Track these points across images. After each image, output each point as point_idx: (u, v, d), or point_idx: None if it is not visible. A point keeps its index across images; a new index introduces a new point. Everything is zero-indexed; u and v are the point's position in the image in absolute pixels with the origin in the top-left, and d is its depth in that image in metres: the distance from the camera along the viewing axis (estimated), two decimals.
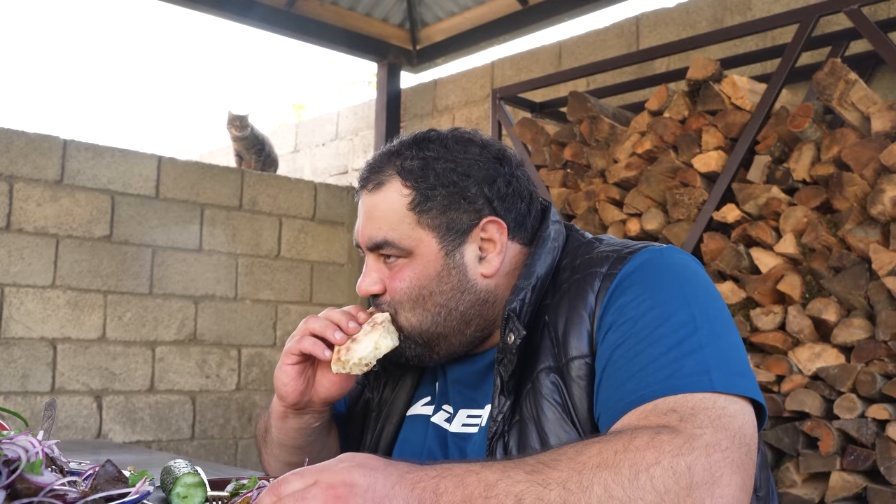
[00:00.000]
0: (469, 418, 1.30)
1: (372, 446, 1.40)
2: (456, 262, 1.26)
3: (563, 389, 1.15)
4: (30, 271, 4.00)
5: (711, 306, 1.13)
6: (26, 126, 4.06)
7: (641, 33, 4.18)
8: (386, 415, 1.41)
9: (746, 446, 0.99)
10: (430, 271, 1.25)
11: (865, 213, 2.69)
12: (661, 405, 1.02)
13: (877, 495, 2.51)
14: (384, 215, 1.27)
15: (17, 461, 0.89)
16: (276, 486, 0.86)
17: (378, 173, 1.29)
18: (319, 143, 6.08)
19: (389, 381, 1.44)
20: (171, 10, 6.37)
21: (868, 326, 2.63)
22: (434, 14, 5.31)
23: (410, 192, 1.26)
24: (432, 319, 1.26)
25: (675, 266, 1.17)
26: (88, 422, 4.12)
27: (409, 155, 1.28)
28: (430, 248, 1.25)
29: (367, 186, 1.30)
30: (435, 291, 1.25)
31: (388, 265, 1.28)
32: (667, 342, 1.07)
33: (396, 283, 1.27)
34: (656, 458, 0.91)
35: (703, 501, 0.90)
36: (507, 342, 1.17)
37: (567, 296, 1.19)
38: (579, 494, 0.88)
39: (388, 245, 1.26)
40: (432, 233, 1.25)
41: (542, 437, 1.14)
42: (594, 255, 1.22)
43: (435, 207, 1.25)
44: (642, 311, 1.11)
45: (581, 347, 1.14)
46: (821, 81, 2.82)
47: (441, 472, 0.90)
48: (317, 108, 13.46)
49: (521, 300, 1.19)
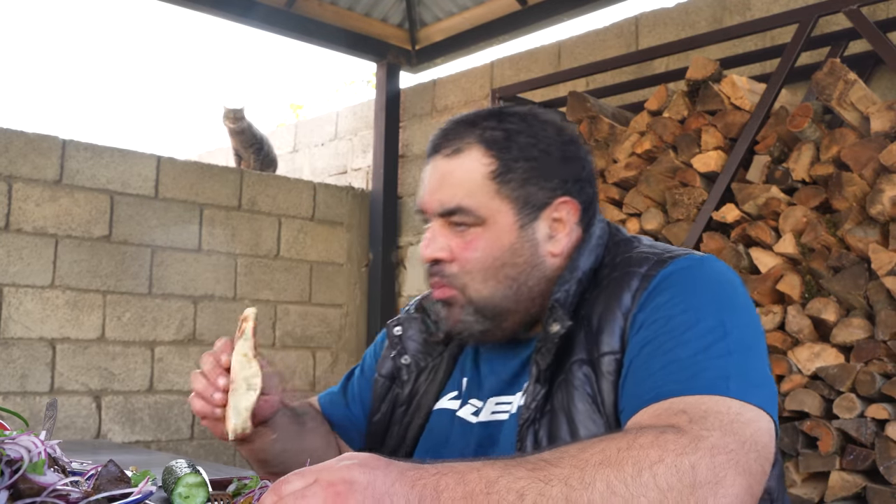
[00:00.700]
0: (498, 405, 1.30)
1: (398, 438, 1.40)
2: (529, 236, 1.25)
3: (594, 382, 1.16)
4: (29, 271, 4.00)
5: (743, 318, 1.14)
6: (25, 126, 4.07)
7: (641, 33, 4.18)
8: (415, 408, 1.41)
9: (757, 453, 0.99)
10: (503, 242, 1.24)
11: (865, 212, 2.69)
12: (674, 405, 1.03)
13: (876, 495, 2.51)
14: (461, 181, 1.25)
15: (19, 461, 0.89)
16: (278, 487, 0.86)
17: (456, 139, 1.27)
18: (318, 143, 6.08)
19: (422, 374, 1.43)
20: (171, 10, 6.36)
21: (867, 326, 2.63)
22: (433, 14, 5.31)
23: (492, 161, 1.24)
24: (503, 293, 1.25)
25: (713, 275, 1.19)
26: (87, 422, 4.12)
27: (490, 125, 1.27)
28: (507, 219, 1.24)
29: (443, 151, 1.28)
30: (508, 263, 1.25)
31: (458, 234, 1.26)
32: (693, 345, 1.08)
33: (469, 253, 1.25)
34: (660, 456, 0.91)
35: (707, 500, 0.90)
36: (550, 331, 1.18)
37: (605, 292, 1.21)
38: (581, 490, 0.88)
39: (463, 212, 1.24)
40: (510, 204, 1.24)
41: (572, 428, 1.15)
42: (634, 255, 1.23)
43: (515, 179, 1.24)
44: (675, 312, 1.12)
45: (612, 343, 1.16)
46: (820, 81, 2.82)
47: (442, 469, 0.90)
48: (315, 108, 13.46)
49: (566, 291, 1.21)
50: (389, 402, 1.46)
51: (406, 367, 1.44)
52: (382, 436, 1.45)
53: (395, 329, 1.46)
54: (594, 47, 4.37)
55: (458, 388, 1.40)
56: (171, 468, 1.31)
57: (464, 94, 5.08)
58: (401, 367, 1.44)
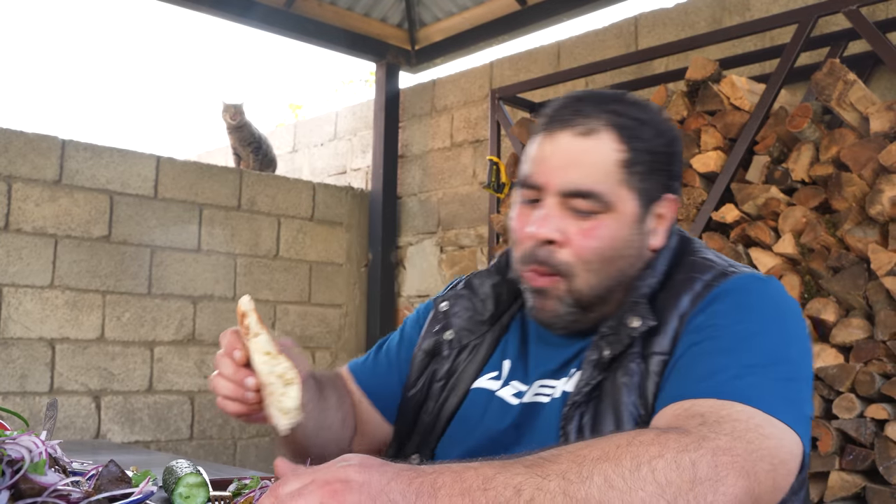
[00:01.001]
0: (542, 388, 1.29)
1: (433, 414, 1.38)
2: (642, 229, 1.24)
3: (643, 377, 1.16)
4: (28, 271, 4.00)
5: (796, 346, 1.14)
6: (25, 126, 4.07)
7: (640, 34, 4.18)
8: (452, 385, 1.39)
9: (770, 464, 0.98)
10: (623, 233, 1.22)
11: (864, 213, 2.69)
12: (695, 406, 1.03)
13: (875, 495, 2.51)
14: (595, 164, 1.20)
15: (20, 461, 0.89)
16: (275, 488, 0.87)
17: (588, 119, 1.22)
18: (318, 143, 6.08)
19: (463, 351, 1.41)
20: (170, 10, 6.35)
21: (867, 326, 2.63)
22: (433, 14, 5.31)
23: (624, 149, 1.21)
24: (607, 284, 1.23)
25: (774, 296, 1.18)
26: (87, 422, 4.12)
27: (619, 110, 1.23)
28: (630, 209, 1.22)
29: (574, 128, 1.22)
30: (622, 255, 1.23)
31: (577, 218, 1.21)
32: (737, 357, 1.08)
33: (588, 241, 1.20)
34: (660, 452, 0.91)
35: (706, 496, 0.90)
36: (627, 323, 1.17)
37: (664, 292, 1.21)
38: (578, 484, 0.88)
39: (593, 197, 1.19)
40: (634, 195, 1.22)
41: (617, 417, 1.15)
42: (699, 261, 1.24)
43: (640, 171, 1.22)
44: (728, 322, 1.12)
45: (664, 345, 1.16)
46: (819, 82, 2.82)
47: (439, 468, 0.90)
48: (314, 108, 13.46)
49: (649, 286, 1.21)
50: (427, 378, 1.43)
51: (448, 342, 1.41)
52: (417, 411, 1.42)
53: (441, 305, 1.44)
54: (593, 47, 4.37)
55: (498, 369, 1.38)
56: (171, 468, 1.31)
57: (463, 94, 5.08)
58: (442, 342, 1.41)
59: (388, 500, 0.85)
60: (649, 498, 0.88)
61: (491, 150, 4.10)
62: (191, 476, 1.17)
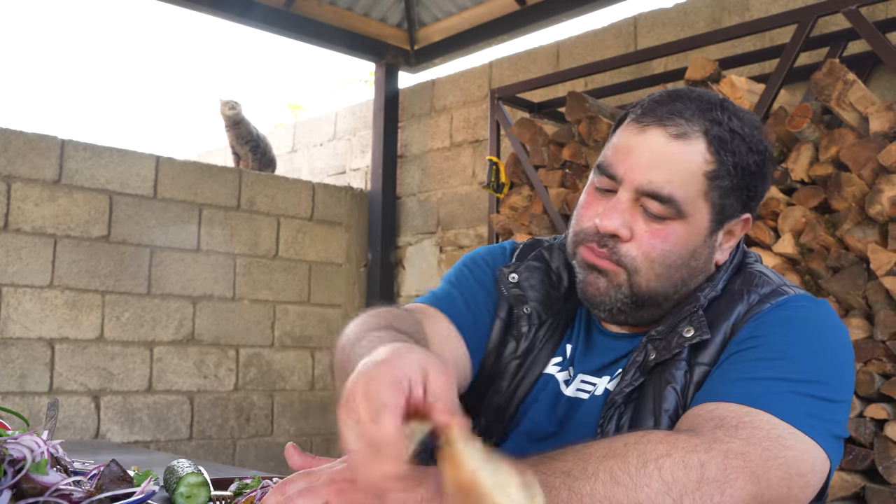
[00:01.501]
0: (583, 383, 1.27)
1: (507, 394, 1.30)
2: (711, 243, 1.22)
3: (686, 386, 1.14)
4: (27, 271, 4.00)
5: (839, 366, 1.13)
6: (24, 126, 4.07)
7: (639, 34, 4.18)
8: (529, 366, 1.31)
9: (785, 473, 0.96)
10: (691, 243, 1.19)
11: (863, 213, 2.69)
12: (719, 409, 1.02)
13: (875, 495, 2.51)
14: (680, 170, 1.16)
15: (22, 461, 0.89)
16: (282, 486, 0.87)
17: (684, 121, 1.17)
18: (317, 143, 6.08)
19: (541, 328, 1.33)
20: (170, 9, 6.35)
21: (866, 326, 2.63)
22: (432, 14, 5.31)
23: (713, 161, 1.17)
24: (666, 290, 1.21)
25: (823, 317, 1.17)
26: (86, 422, 4.12)
27: (717, 118, 1.18)
28: (703, 221, 1.19)
29: (669, 129, 1.17)
30: (686, 264, 1.20)
31: (647, 218, 1.18)
32: (774, 368, 1.07)
33: (657, 242, 1.17)
34: (668, 450, 0.91)
35: (712, 497, 0.89)
36: (682, 332, 1.16)
37: (719, 303, 1.20)
38: (583, 480, 0.88)
39: (671, 203, 1.16)
40: (710, 209, 1.19)
41: (656, 419, 1.13)
42: (755, 274, 1.23)
43: (725, 186, 1.18)
44: (773, 336, 1.11)
45: (710, 356, 1.15)
46: (819, 82, 2.82)
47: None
48: (314, 109, 13.45)
49: (708, 298, 1.20)
50: (497, 352, 1.34)
51: (527, 317, 1.32)
52: (486, 387, 1.33)
53: (511, 276, 1.33)
54: (593, 47, 4.37)
55: (563, 354, 1.33)
56: (172, 468, 1.31)
57: (462, 94, 5.08)
58: (521, 315, 1.32)
59: (393, 497, 0.86)
60: (654, 495, 0.88)
61: (490, 149, 4.10)
62: (192, 476, 1.17)
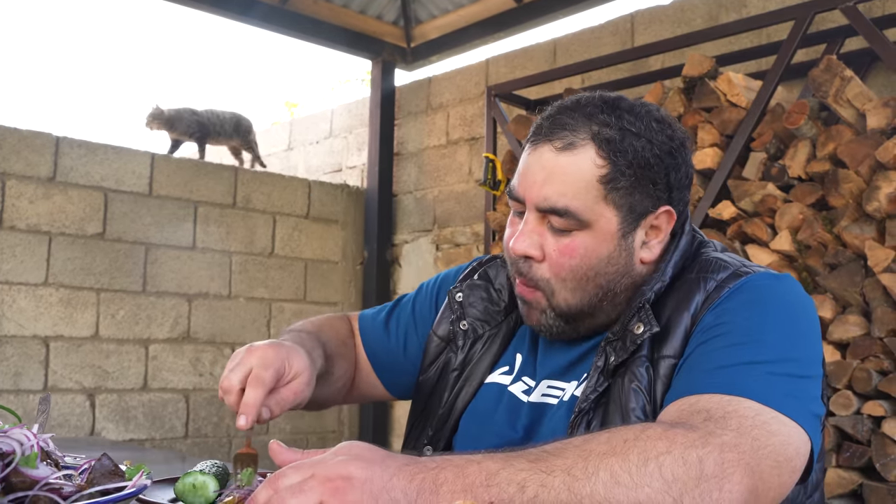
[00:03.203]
0: (550, 388, 1.28)
1: (448, 405, 1.38)
2: (627, 244, 1.21)
3: (651, 381, 1.14)
4: (22, 269, 3.98)
5: (806, 341, 1.13)
6: (18, 123, 4.05)
7: (636, 31, 4.17)
8: (467, 376, 1.38)
9: (775, 462, 0.97)
10: (602, 251, 1.19)
11: (861, 209, 2.69)
12: (700, 402, 1.02)
13: (872, 492, 2.51)
14: (572, 181, 1.17)
15: (11, 454, 0.88)
16: (274, 480, 0.85)
17: (570, 132, 1.18)
18: (313, 141, 6.06)
19: (478, 342, 1.40)
20: (165, 7, 6.34)
21: (864, 323, 2.63)
22: (428, 11, 5.30)
23: (605, 165, 1.17)
24: (589, 301, 1.22)
25: (786, 294, 1.16)
26: (81, 420, 4.10)
27: (605, 121, 1.18)
28: (610, 226, 1.19)
29: (555, 143, 1.19)
30: (601, 273, 1.20)
31: (554, 235, 1.20)
32: (745, 352, 1.07)
33: (565, 259, 1.19)
34: (667, 447, 0.90)
35: (711, 494, 0.89)
36: (633, 330, 1.16)
37: (676, 293, 1.19)
38: (584, 480, 0.87)
39: (569, 215, 1.17)
40: (615, 211, 1.18)
41: (625, 422, 1.13)
42: (712, 259, 1.21)
43: (624, 186, 1.18)
44: (738, 320, 1.11)
45: (673, 348, 1.14)
46: (816, 78, 2.82)
47: (441, 463, 0.89)
48: (310, 106, 13.43)
49: (655, 292, 1.19)
50: (440, 366, 1.43)
51: (464, 332, 1.40)
52: (427, 398, 1.43)
53: (457, 295, 1.42)
54: (589, 45, 4.36)
55: (511, 363, 1.37)
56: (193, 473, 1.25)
57: (459, 91, 5.07)
58: (458, 332, 1.40)
59: (389, 498, 0.85)
60: (655, 494, 0.87)
61: (487, 147, 4.09)
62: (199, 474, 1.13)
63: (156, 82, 26.86)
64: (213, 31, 43.47)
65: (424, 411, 1.43)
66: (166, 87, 27.25)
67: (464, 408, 1.36)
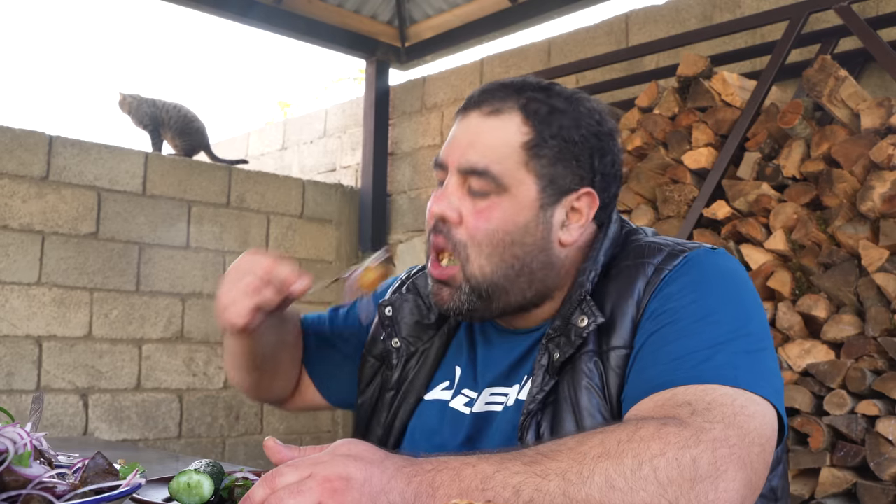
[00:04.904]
0: (493, 396, 1.27)
1: (386, 425, 1.37)
2: (545, 218, 1.21)
3: (602, 375, 1.13)
4: (15, 268, 3.96)
5: (753, 313, 1.13)
6: (11, 122, 4.02)
7: (631, 30, 4.18)
8: (403, 394, 1.37)
9: (760, 447, 0.98)
10: (519, 219, 1.19)
11: (855, 209, 2.69)
12: (679, 395, 1.01)
13: (867, 491, 2.51)
14: (494, 143, 1.19)
15: (4, 453, 0.87)
16: (271, 479, 0.84)
17: (498, 100, 1.22)
18: (307, 141, 6.05)
19: (412, 358, 1.39)
20: (159, 6, 6.31)
21: (858, 323, 2.63)
22: (423, 11, 5.29)
23: (530, 131, 1.19)
24: (504, 271, 1.20)
25: (724, 268, 1.17)
26: (74, 420, 4.09)
27: (535, 96, 1.21)
28: (529, 194, 1.19)
29: (482, 108, 1.22)
30: (517, 242, 1.20)
31: (473, 198, 1.20)
32: (702, 337, 1.07)
33: (481, 222, 1.19)
34: (661, 449, 0.89)
35: (707, 495, 0.89)
36: (576, 324, 1.15)
37: (615, 283, 1.19)
38: (579, 485, 0.86)
39: (487, 176, 1.18)
40: (536, 180, 1.20)
41: (577, 420, 1.13)
42: (646, 245, 1.21)
43: (547, 156, 1.19)
44: (685, 303, 1.11)
45: (623, 337, 1.14)
46: (811, 78, 2.82)
47: (437, 465, 0.89)
48: (302, 106, 13.41)
49: (591, 282, 1.18)
50: (377, 386, 1.42)
51: (396, 350, 1.39)
52: (368, 419, 1.42)
53: (386, 310, 1.42)
54: (584, 44, 4.36)
55: (450, 377, 1.36)
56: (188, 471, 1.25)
57: (453, 91, 5.07)
58: (391, 350, 1.39)
59: (387, 500, 0.84)
60: (651, 498, 0.87)
61: None
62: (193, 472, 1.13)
63: (149, 81, 26.81)
64: (205, 30, 43.39)
65: (366, 433, 1.41)
66: (159, 86, 27.19)
67: (403, 426, 1.35)
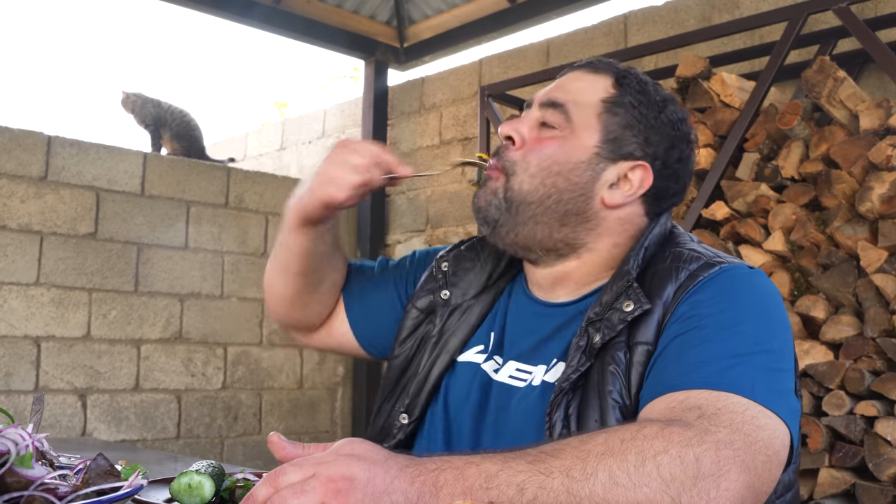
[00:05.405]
0: (518, 371, 1.30)
1: (423, 374, 1.40)
2: (596, 168, 1.27)
3: (628, 367, 1.15)
4: (13, 269, 3.96)
5: (779, 332, 1.14)
6: (10, 122, 4.02)
7: (629, 31, 4.18)
8: (442, 345, 1.40)
9: (766, 456, 0.98)
10: (572, 157, 1.27)
11: (854, 210, 2.70)
12: (691, 398, 1.02)
13: (865, 492, 2.51)
14: (580, 89, 1.31)
15: (6, 454, 0.87)
16: (274, 477, 0.84)
17: (600, 65, 1.34)
18: (306, 141, 6.05)
19: (455, 312, 1.42)
20: (156, 6, 6.31)
21: (856, 323, 2.63)
22: (422, 11, 5.29)
23: (614, 92, 1.29)
24: (540, 196, 1.27)
25: (758, 286, 1.19)
26: (73, 420, 4.09)
27: (634, 78, 1.32)
28: (590, 140, 1.27)
29: (583, 67, 1.35)
30: (562, 174, 1.27)
31: (541, 129, 1.29)
32: (725, 345, 1.08)
33: (538, 147, 1.28)
34: (664, 447, 0.90)
35: (709, 492, 0.89)
36: (621, 307, 1.17)
37: (649, 281, 1.20)
38: (583, 482, 0.87)
39: (562, 110, 1.28)
40: (602, 131, 1.28)
41: (602, 406, 1.14)
42: (685, 250, 1.24)
43: (621, 116, 1.28)
44: (713, 311, 1.12)
45: (648, 334, 1.15)
46: (809, 79, 2.83)
47: (441, 464, 0.89)
48: (299, 106, 13.41)
49: (636, 270, 1.21)
50: (416, 340, 1.45)
51: (444, 301, 1.43)
52: (401, 373, 1.45)
53: (443, 264, 1.46)
54: (583, 45, 4.36)
55: (485, 342, 1.39)
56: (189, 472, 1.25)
57: (452, 91, 5.07)
58: (438, 302, 1.43)
59: (390, 501, 0.85)
60: (653, 494, 0.87)
61: (480, 147, 4.09)
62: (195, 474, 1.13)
63: (147, 81, 26.80)
64: (202, 30, 43.36)
65: (400, 381, 1.44)
66: (157, 86, 27.17)
67: (437, 380, 1.39)
